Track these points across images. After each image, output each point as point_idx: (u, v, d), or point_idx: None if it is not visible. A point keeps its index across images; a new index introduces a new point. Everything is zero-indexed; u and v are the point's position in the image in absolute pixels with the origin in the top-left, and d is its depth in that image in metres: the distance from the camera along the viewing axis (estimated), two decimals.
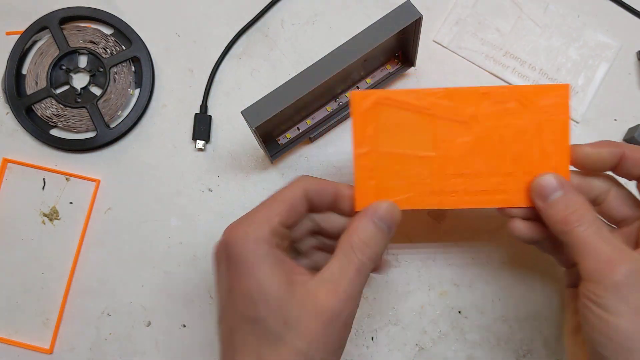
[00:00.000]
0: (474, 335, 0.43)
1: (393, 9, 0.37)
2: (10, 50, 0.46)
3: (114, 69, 0.46)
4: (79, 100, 0.46)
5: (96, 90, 0.47)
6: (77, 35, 0.47)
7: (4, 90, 0.46)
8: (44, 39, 0.47)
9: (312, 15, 0.47)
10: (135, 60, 0.47)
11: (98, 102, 0.46)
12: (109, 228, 0.45)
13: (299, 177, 0.32)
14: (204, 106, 0.46)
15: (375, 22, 0.37)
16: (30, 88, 0.46)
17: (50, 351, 0.44)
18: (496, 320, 0.43)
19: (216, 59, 0.47)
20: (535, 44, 0.46)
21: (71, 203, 0.46)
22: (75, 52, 0.47)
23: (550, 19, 0.46)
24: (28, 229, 0.45)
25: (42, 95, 0.46)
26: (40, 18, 0.47)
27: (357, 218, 0.31)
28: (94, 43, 0.47)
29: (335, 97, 0.44)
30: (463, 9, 0.47)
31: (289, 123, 0.43)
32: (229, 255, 0.29)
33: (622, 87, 0.45)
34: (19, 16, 0.47)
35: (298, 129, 0.43)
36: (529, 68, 0.46)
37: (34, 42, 0.48)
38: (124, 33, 0.47)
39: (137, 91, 0.47)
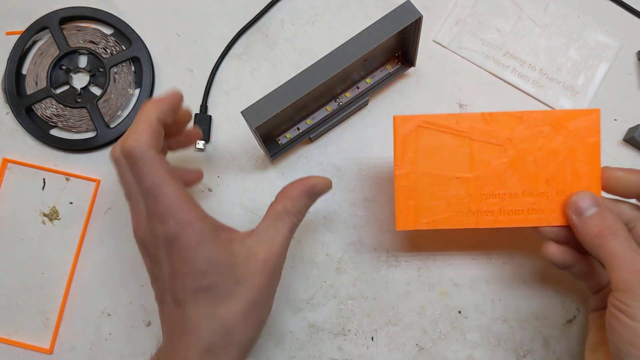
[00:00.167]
0: (474, 335, 0.43)
1: (393, 9, 0.37)
2: (10, 50, 0.46)
3: (114, 69, 0.46)
4: (79, 100, 0.46)
5: (96, 90, 0.47)
6: (77, 35, 0.47)
7: (4, 90, 0.46)
8: (44, 39, 0.47)
9: (312, 15, 0.47)
10: (135, 60, 0.47)
11: (98, 102, 0.46)
12: (109, 228, 0.45)
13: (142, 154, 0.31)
14: (204, 106, 0.46)
15: (375, 22, 0.37)
16: (30, 88, 0.46)
17: (50, 351, 0.44)
18: (496, 320, 0.43)
19: (216, 59, 0.47)
20: (535, 44, 0.46)
21: (71, 203, 0.46)
22: (75, 52, 0.47)
23: (550, 19, 0.46)
24: (28, 229, 0.45)
25: (42, 95, 0.46)
26: (40, 18, 0.47)
27: (294, 189, 0.35)
28: (94, 43, 0.47)
29: (335, 97, 0.44)
30: (463, 9, 0.47)
31: (289, 123, 0.43)
32: (169, 243, 0.31)
33: (622, 87, 0.45)
34: (19, 16, 0.47)
35: (298, 129, 0.43)
36: (529, 68, 0.46)
37: (34, 42, 0.48)
38: (124, 33, 0.47)
39: (137, 91, 0.47)
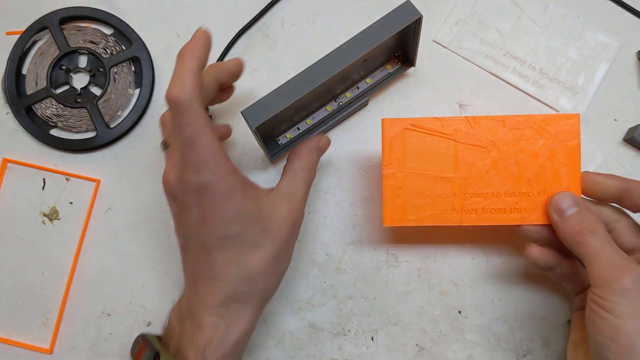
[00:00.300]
0: (474, 335, 0.43)
1: (393, 9, 0.37)
2: (10, 50, 0.46)
3: (114, 69, 0.46)
4: (79, 100, 0.46)
5: (96, 90, 0.47)
6: (77, 35, 0.47)
7: (4, 90, 0.46)
8: (44, 39, 0.47)
9: (312, 15, 0.47)
10: (135, 60, 0.47)
11: (98, 102, 0.46)
12: (109, 228, 0.45)
13: (188, 103, 0.31)
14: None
15: (375, 22, 0.37)
16: (30, 88, 0.46)
17: (50, 351, 0.44)
18: (496, 320, 0.43)
19: (216, 59, 0.47)
20: (535, 44, 0.46)
21: (71, 203, 0.46)
22: (75, 52, 0.47)
23: (550, 19, 0.46)
24: (28, 229, 0.45)
25: (42, 95, 0.46)
26: (40, 18, 0.47)
27: (303, 148, 0.38)
28: (94, 43, 0.47)
29: (335, 97, 0.44)
30: (463, 9, 0.47)
31: (289, 123, 0.43)
32: (200, 194, 0.32)
33: (622, 87, 0.45)
34: (19, 16, 0.47)
35: (298, 129, 0.43)
36: (529, 68, 0.46)
37: (34, 42, 0.48)
38: (124, 33, 0.47)
39: (137, 91, 0.47)
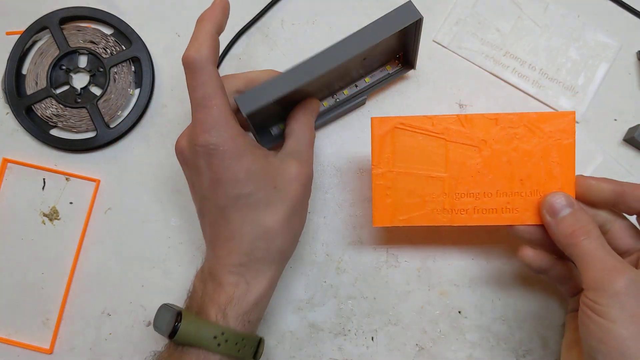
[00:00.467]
0: (474, 335, 0.43)
1: (394, 8, 0.37)
2: (10, 50, 0.46)
3: (114, 69, 0.46)
4: (79, 100, 0.46)
5: (96, 90, 0.47)
6: (77, 35, 0.47)
7: (4, 90, 0.46)
8: (44, 39, 0.47)
9: (312, 15, 0.47)
10: (135, 60, 0.47)
11: (98, 102, 0.46)
12: (109, 228, 0.45)
13: (200, 64, 0.33)
14: None
15: (376, 20, 0.37)
16: (30, 88, 0.46)
17: (50, 351, 0.44)
18: (496, 320, 0.43)
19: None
20: (535, 44, 0.46)
21: (71, 203, 0.46)
22: (75, 52, 0.47)
23: (550, 19, 0.46)
24: (28, 229, 0.45)
25: (42, 95, 0.46)
26: (40, 18, 0.47)
27: (299, 111, 0.40)
28: (94, 43, 0.47)
29: (332, 93, 0.44)
30: (463, 9, 0.47)
31: (284, 114, 0.42)
32: (210, 154, 0.33)
33: (622, 87, 0.45)
34: (19, 16, 0.47)
35: None
36: (529, 68, 0.46)
37: (34, 42, 0.48)
38: (124, 33, 0.47)
39: (137, 91, 0.47)
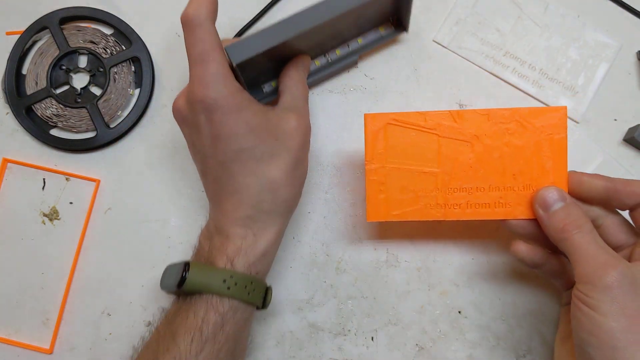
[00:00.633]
0: (474, 335, 0.43)
1: None
2: (10, 50, 0.46)
3: (114, 69, 0.46)
4: (79, 100, 0.46)
5: (96, 90, 0.47)
6: (77, 35, 0.47)
7: (4, 90, 0.46)
8: (44, 39, 0.47)
9: None
10: (135, 60, 0.47)
11: (98, 102, 0.46)
12: (109, 228, 0.45)
13: (198, 21, 0.33)
14: None
15: None
16: (30, 88, 0.46)
17: (50, 351, 0.44)
18: (496, 320, 0.43)
19: None
20: (535, 44, 0.46)
21: (71, 203, 0.46)
22: (75, 52, 0.47)
23: (550, 19, 0.46)
24: (28, 229, 0.45)
25: (42, 95, 0.46)
26: (40, 18, 0.47)
27: (291, 67, 0.40)
28: (94, 43, 0.47)
29: (324, 52, 0.44)
30: (463, 9, 0.47)
31: (276, 71, 0.42)
32: (210, 110, 0.33)
33: (622, 87, 0.45)
34: (19, 16, 0.47)
35: None
36: (529, 68, 0.46)
37: (34, 42, 0.48)
38: (124, 33, 0.47)
39: (137, 91, 0.47)
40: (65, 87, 0.47)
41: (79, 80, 0.47)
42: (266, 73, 0.42)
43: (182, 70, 0.47)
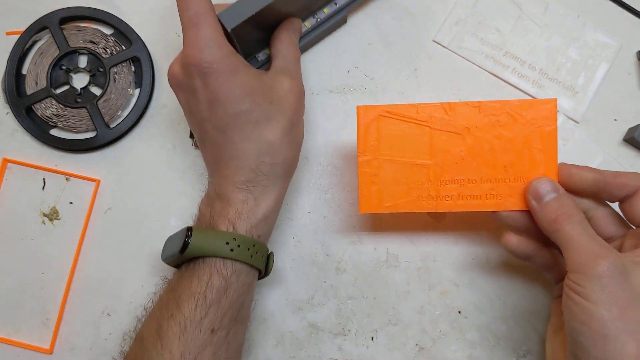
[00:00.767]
0: (474, 335, 0.43)
1: None
2: (10, 50, 0.46)
3: (114, 69, 0.46)
4: (79, 100, 0.46)
5: (96, 90, 0.47)
6: (77, 35, 0.47)
7: (4, 90, 0.46)
8: (44, 39, 0.47)
9: None
10: (135, 60, 0.47)
11: (98, 102, 0.46)
12: (109, 228, 0.45)
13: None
14: None
15: None
16: (30, 88, 0.46)
17: (50, 351, 0.44)
18: (496, 320, 0.43)
19: None
20: (535, 44, 0.46)
21: (71, 203, 0.46)
22: (75, 52, 0.47)
23: (550, 19, 0.46)
24: (28, 229, 0.45)
25: (42, 95, 0.46)
26: (40, 18, 0.47)
27: (282, 31, 0.40)
28: (94, 43, 0.47)
29: (313, 13, 0.44)
30: (463, 9, 0.47)
31: (268, 39, 0.42)
32: (204, 74, 0.33)
33: (622, 87, 0.45)
34: (19, 16, 0.47)
35: None
36: (529, 68, 0.46)
37: (34, 42, 0.48)
38: (124, 33, 0.47)
39: (137, 91, 0.47)
40: (65, 87, 0.47)
41: (79, 80, 0.47)
42: (259, 41, 0.42)
43: None
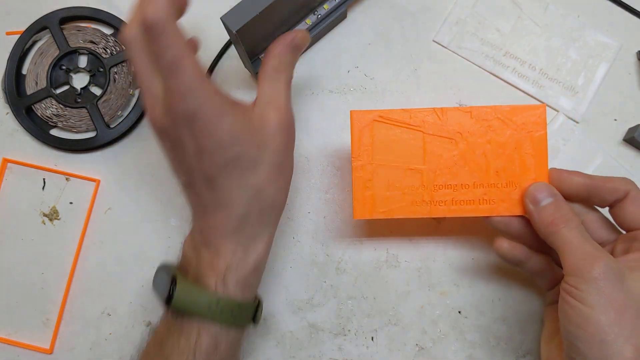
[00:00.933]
0: (474, 336, 0.43)
1: None
2: (10, 50, 0.46)
3: (114, 69, 0.46)
4: (79, 100, 0.46)
5: (96, 90, 0.47)
6: (77, 35, 0.47)
7: (4, 90, 0.46)
8: (44, 39, 0.47)
9: None
10: None
11: (98, 102, 0.46)
12: (109, 228, 0.45)
13: (162, 24, 0.29)
14: None
15: None
16: (30, 88, 0.46)
17: (50, 351, 0.44)
18: (496, 321, 0.43)
19: (215, 57, 0.46)
20: (535, 44, 0.46)
21: (71, 203, 0.46)
22: (75, 52, 0.47)
23: (550, 19, 0.46)
24: (28, 229, 0.45)
25: (42, 95, 0.46)
26: (40, 18, 0.47)
27: (276, 47, 0.36)
28: (94, 43, 0.47)
29: (313, 9, 0.44)
30: (463, 9, 0.47)
31: (270, 39, 0.42)
32: (191, 122, 0.31)
33: (622, 87, 0.45)
34: (19, 16, 0.47)
35: None
36: (529, 68, 0.46)
37: (34, 42, 0.48)
38: None
39: (137, 91, 0.47)
40: (65, 87, 0.47)
41: (79, 80, 0.47)
42: (264, 41, 0.42)
43: None
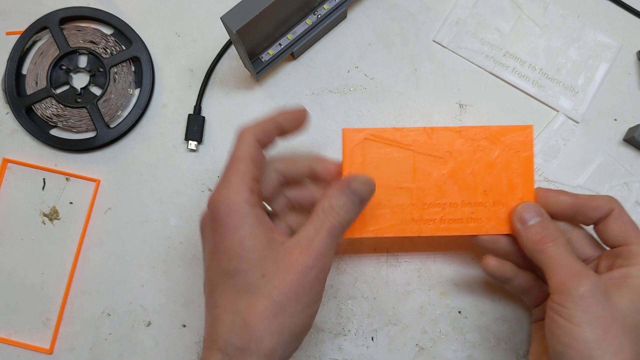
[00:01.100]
0: (474, 335, 0.43)
1: None
2: (10, 50, 0.46)
3: (114, 69, 0.46)
4: (79, 100, 0.46)
5: (96, 90, 0.47)
6: (77, 35, 0.47)
7: (4, 90, 0.46)
8: (44, 39, 0.47)
9: None
10: (135, 60, 0.47)
11: (98, 102, 0.46)
12: (109, 228, 0.45)
13: (242, 132, 0.33)
14: (197, 107, 0.46)
15: None
16: (30, 88, 0.46)
17: (50, 351, 0.44)
18: (496, 320, 0.43)
19: (214, 57, 0.46)
20: (535, 44, 0.46)
21: (71, 203, 0.46)
22: (75, 52, 0.47)
23: (550, 19, 0.46)
24: (28, 229, 0.45)
25: (42, 95, 0.46)
26: (40, 18, 0.47)
27: (332, 187, 0.33)
28: (94, 43, 0.47)
29: (313, 10, 0.44)
30: (463, 9, 0.47)
31: (270, 39, 0.43)
32: (214, 219, 0.31)
33: (622, 87, 0.45)
34: (19, 16, 0.47)
35: (280, 44, 0.44)
36: (529, 68, 0.46)
37: (34, 42, 0.48)
38: (124, 33, 0.47)
39: (137, 91, 0.47)
40: (65, 87, 0.47)
41: (79, 80, 0.47)
42: (262, 42, 0.42)
43: (182, 71, 0.47)
